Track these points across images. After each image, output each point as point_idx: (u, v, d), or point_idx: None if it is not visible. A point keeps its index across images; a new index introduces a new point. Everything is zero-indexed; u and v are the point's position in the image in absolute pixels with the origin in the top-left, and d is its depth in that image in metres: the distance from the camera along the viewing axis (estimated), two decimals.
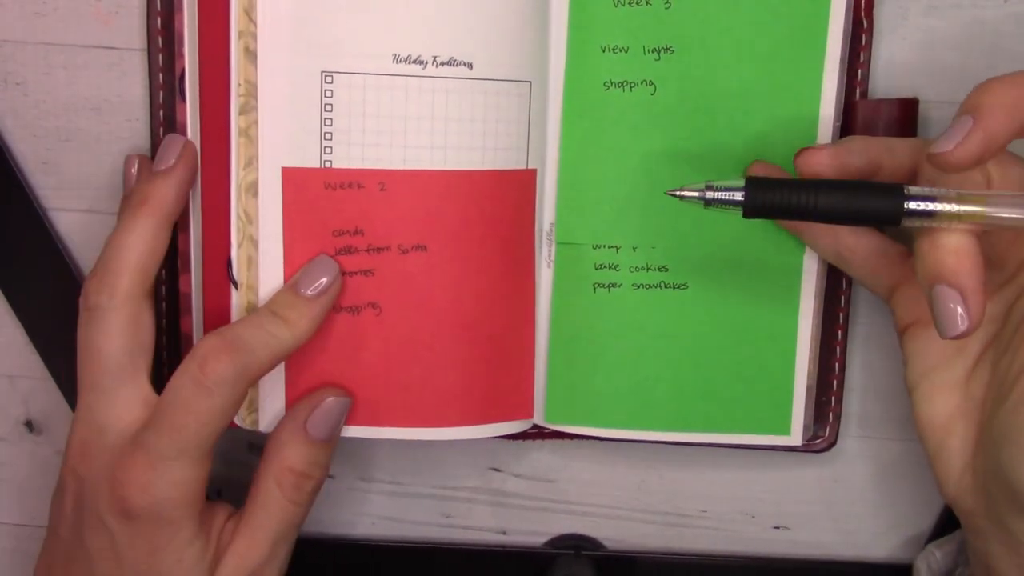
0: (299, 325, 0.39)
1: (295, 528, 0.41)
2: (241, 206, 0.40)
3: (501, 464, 0.49)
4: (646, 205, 0.43)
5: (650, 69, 0.42)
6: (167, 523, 0.38)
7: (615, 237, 0.43)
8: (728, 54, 0.41)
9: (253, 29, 0.38)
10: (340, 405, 0.41)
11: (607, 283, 0.43)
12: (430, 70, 0.40)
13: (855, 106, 0.42)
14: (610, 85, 0.42)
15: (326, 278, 0.40)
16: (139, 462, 0.37)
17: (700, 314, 0.43)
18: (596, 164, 0.43)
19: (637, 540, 0.50)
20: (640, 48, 0.41)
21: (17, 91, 0.44)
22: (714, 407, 0.44)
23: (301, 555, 0.42)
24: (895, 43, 0.43)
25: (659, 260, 0.43)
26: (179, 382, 0.37)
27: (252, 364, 0.38)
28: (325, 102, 0.39)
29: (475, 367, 0.43)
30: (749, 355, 0.43)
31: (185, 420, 0.37)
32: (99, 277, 0.39)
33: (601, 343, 0.44)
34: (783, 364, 0.43)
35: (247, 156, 0.39)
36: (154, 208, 0.39)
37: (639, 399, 0.44)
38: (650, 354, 0.44)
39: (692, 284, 0.43)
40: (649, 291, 0.43)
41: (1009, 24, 0.43)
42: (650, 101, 0.42)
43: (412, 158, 0.40)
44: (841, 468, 0.48)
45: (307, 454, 0.40)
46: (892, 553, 0.50)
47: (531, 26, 0.41)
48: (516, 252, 0.43)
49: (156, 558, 0.38)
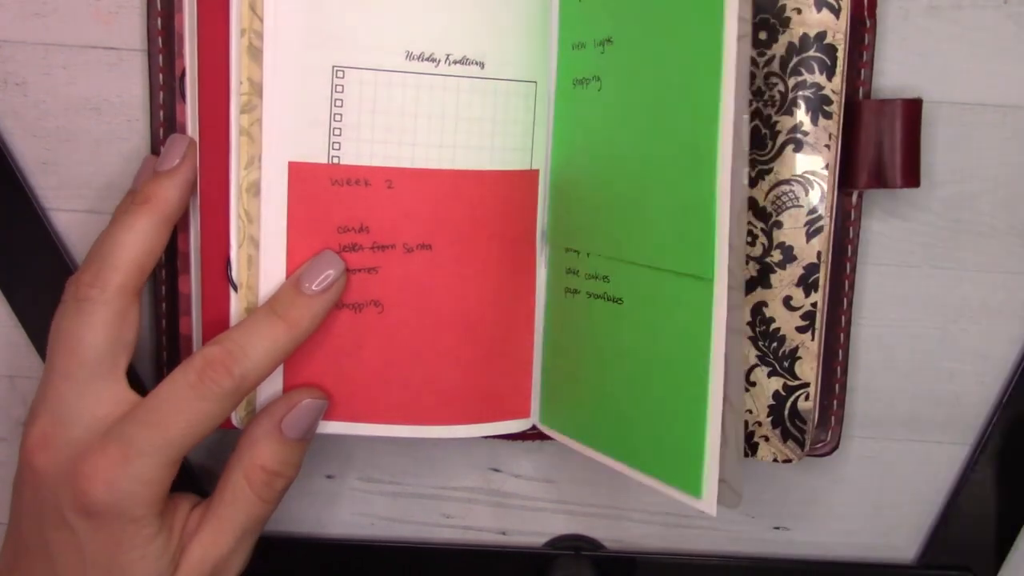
0: (300, 324, 0.39)
1: (261, 524, 0.41)
2: (242, 206, 0.40)
3: (501, 464, 0.49)
4: (593, 209, 0.41)
5: (598, 63, 0.40)
6: (130, 521, 0.37)
7: (577, 241, 0.42)
8: (665, 43, 0.38)
9: (259, 26, 0.38)
10: (316, 406, 0.41)
11: (572, 288, 0.42)
12: (442, 68, 0.40)
13: (860, 106, 0.42)
14: (576, 83, 0.41)
15: (331, 272, 0.39)
16: (110, 455, 0.37)
17: (631, 334, 0.39)
18: (568, 164, 0.42)
19: (637, 540, 0.50)
20: (592, 42, 0.40)
21: (17, 91, 0.44)
22: (636, 439, 0.40)
23: (301, 555, 0.42)
24: (896, 43, 0.43)
25: (603, 269, 0.41)
26: (174, 384, 0.37)
27: (250, 373, 0.38)
28: (335, 97, 0.39)
29: (475, 366, 0.43)
30: (663, 388, 0.38)
31: (174, 419, 0.37)
32: (94, 270, 0.38)
33: (568, 350, 0.43)
34: (694, 408, 0.37)
35: (249, 155, 0.39)
36: (155, 207, 0.39)
37: (589, 414, 0.42)
38: (595, 368, 0.41)
39: (626, 299, 0.40)
40: (596, 301, 0.41)
41: (1009, 24, 0.43)
42: (596, 97, 0.40)
43: (420, 156, 0.40)
44: (841, 468, 0.48)
45: (280, 453, 0.40)
46: (892, 553, 0.50)
47: (536, 26, 0.41)
48: (519, 253, 0.43)
49: (119, 554, 0.37)
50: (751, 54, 0.42)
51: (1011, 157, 0.45)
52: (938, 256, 0.46)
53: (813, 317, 0.43)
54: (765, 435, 0.44)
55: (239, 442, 0.40)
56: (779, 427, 0.44)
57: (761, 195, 0.42)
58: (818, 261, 0.43)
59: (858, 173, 0.43)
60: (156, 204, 0.39)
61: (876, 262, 0.46)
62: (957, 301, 0.46)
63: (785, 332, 0.43)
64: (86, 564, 0.38)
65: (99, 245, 0.39)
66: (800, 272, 0.43)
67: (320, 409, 0.41)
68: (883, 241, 0.46)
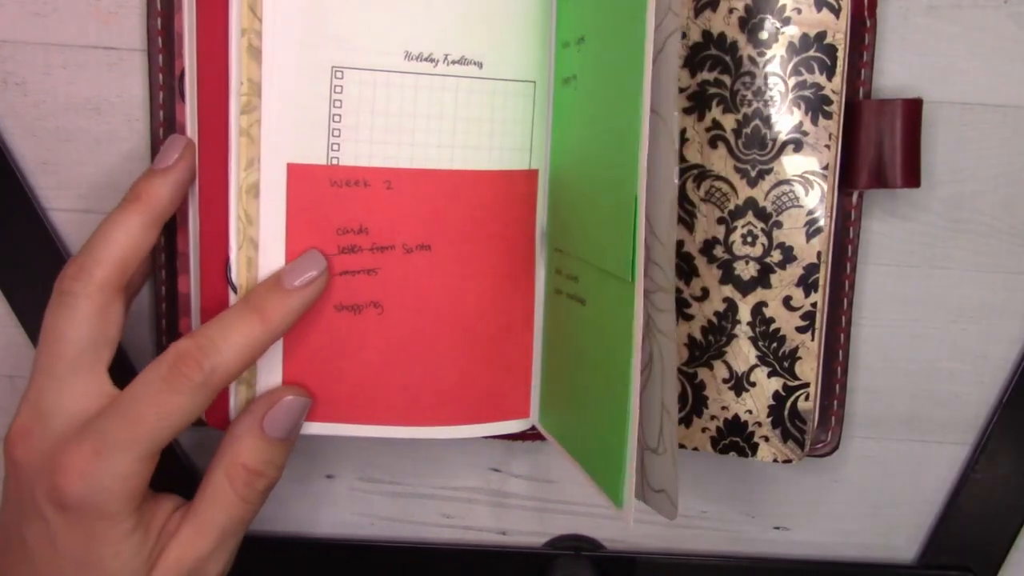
0: (274, 320, 0.38)
1: (244, 525, 0.40)
2: (241, 207, 0.40)
3: (501, 464, 0.49)
4: (569, 208, 0.41)
5: (576, 61, 0.40)
6: (104, 515, 0.37)
7: (562, 241, 0.42)
8: (610, 42, 0.37)
9: (258, 26, 0.38)
10: (299, 404, 0.40)
11: (558, 288, 0.42)
12: (441, 68, 0.40)
13: (860, 106, 0.42)
14: (564, 82, 0.41)
15: (313, 271, 0.39)
16: (85, 449, 0.36)
17: (590, 334, 0.39)
18: (558, 164, 0.42)
19: (637, 540, 0.50)
20: (574, 39, 0.40)
21: (17, 91, 0.44)
22: (589, 443, 0.39)
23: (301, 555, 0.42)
24: (896, 43, 0.43)
25: (575, 270, 0.41)
26: (146, 378, 0.37)
27: (221, 366, 0.37)
28: (334, 98, 0.39)
29: (475, 366, 0.43)
30: (605, 392, 0.37)
31: (146, 413, 0.37)
32: (78, 264, 0.38)
33: (556, 351, 0.43)
34: (620, 414, 0.36)
35: (248, 156, 0.39)
36: (145, 205, 0.39)
37: (566, 416, 0.42)
38: (570, 368, 0.41)
39: (588, 300, 0.39)
40: (570, 301, 0.41)
41: (1009, 24, 0.43)
42: (574, 95, 0.40)
43: (419, 157, 0.40)
44: (841, 468, 0.48)
45: (262, 451, 0.39)
46: (892, 553, 0.50)
47: (535, 26, 0.41)
48: (518, 253, 0.43)
49: (92, 549, 0.37)
50: (748, 52, 0.42)
51: (1011, 157, 0.45)
52: (938, 256, 0.46)
53: (813, 317, 0.43)
54: (765, 435, 0.44)
55: (221, 441, 0.40)
56: (779, 427, 0.44)
57: (761, 195, 0.42)
58: (818, 261, 0.43)
59: (858, 173, 0.43)
60: (146, 202, 0.39)
61: (876, 262, 0.46)
62: (957, 301, 0.46)
63: (785, 332, 0.43)
64: (60, 558, 0.37)
65: (88, 240, 0.39)
66: (800, 272, 0.43)
67: (303, 407, 0.41)
68: (883, 241, 0.46)
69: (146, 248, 0.39)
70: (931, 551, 0.49)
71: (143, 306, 0.45)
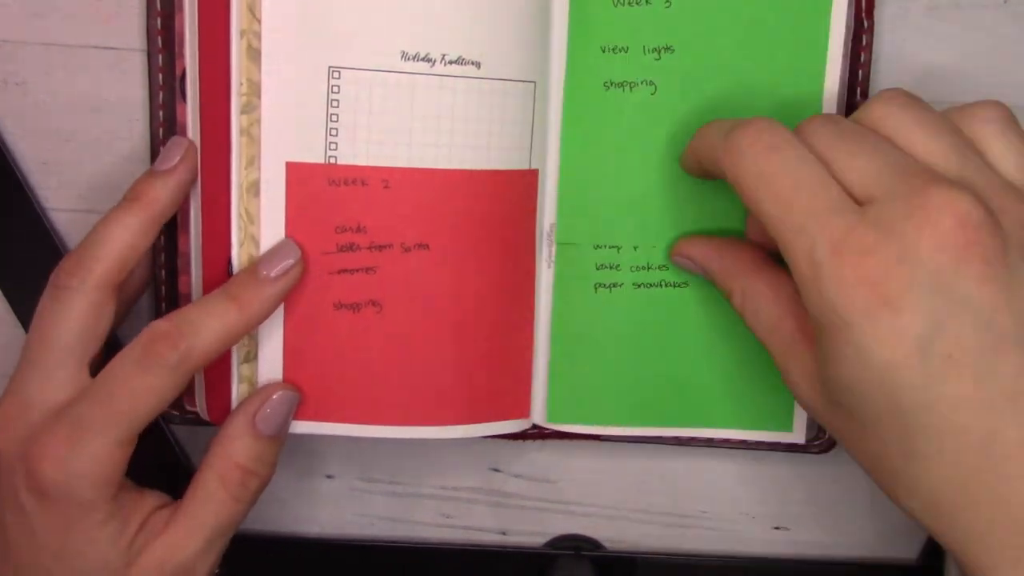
0: (251, 307, 0.38)
1: (234, 526, 0.40)
2: (243, 205, 0.40)
3: (501, 464, 0.49)
4: (647, 204, 0.43)
5: (651, 69, 0.42)
6: (79, 503, 0.37)
7: (616, 237, 0.43)
8: (729, 53, 0.41)
9: (257, 27, 0.38)
10: (288, 398, 0.40)
11: (608, 283, 0.43)
12: (438, 68, 0.40)
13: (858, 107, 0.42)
14: (610, 85, 0.42)
15: (289, 260, 0.39)
16: (60, 434, 0.36)
17: (701, 311, 0.44)
18: (597, 165, 0.43)
19: (637, 540, 0.50)
20: (640, 48, 0.42)
21: (17, 91, 0.44)
22: (715, 403, 0.44)
23: (301, 555, 0.42)
24: (896, 43, 0.43)
25: (660, 259, 0.43)
26: (120, 361, 0.37)
27: (196, 347, 0.37)
28: (332, 98, 0.39)
29: (474, 366, 0.43)
30: (750, 351, 0.44)
31: (119, 394, 0.36)
32: (75, 260, 0.38)
33: (603, 342, 0.44)
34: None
35: (249, 155, 0.39)
36: (144, 206, 0.39)
37: (641, 396, 0.44)
38: (652, 352, 0.44)
39: (692, 282, 0.44)
40: (650, 290, 0.43)
41: (1009, 24, 0.43)
42: (650, 101, 0.42)
43: (417, 156, 0.40)
44: (841, 468, 0.48)
45: (254, 449, 0.39)
46: (892, 553, 0.50)
47: (535, 26, 0.41)
48: (517, 252, 0.43)
49: (69, 537, 0.37)
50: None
51: None
52: None
53: None
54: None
55: (212, 441, 0.40)
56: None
57: None
58: None
59: None
60: (145, 203, 0.39)
61: None
62: None
63: None
64: (39, 546, 0.37)
65: (85, 237, 0.39)
66: None
67: (292, 402, 0.41)
68: None
69: (143, 248, 0.39)
70: (933, 551, 0.49)
71: (143, 306, 0.45)
